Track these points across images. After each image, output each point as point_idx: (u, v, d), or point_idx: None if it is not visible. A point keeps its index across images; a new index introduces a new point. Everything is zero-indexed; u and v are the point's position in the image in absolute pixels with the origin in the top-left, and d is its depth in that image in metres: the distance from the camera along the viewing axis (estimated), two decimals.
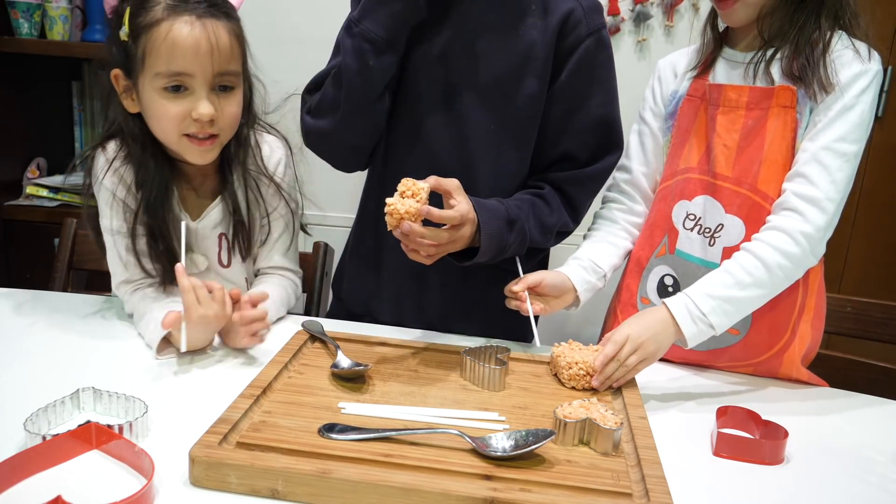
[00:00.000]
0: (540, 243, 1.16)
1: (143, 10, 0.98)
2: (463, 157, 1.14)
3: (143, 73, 1.00)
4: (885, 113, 2.16)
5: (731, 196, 1.08)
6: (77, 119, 2.13)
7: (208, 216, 1.13)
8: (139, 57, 0.99)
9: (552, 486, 0.71)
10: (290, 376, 0.93)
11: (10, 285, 1.27)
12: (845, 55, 1.02)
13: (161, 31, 0.97)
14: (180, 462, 0.72)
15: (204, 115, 1.00)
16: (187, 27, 0.97)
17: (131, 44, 0.99)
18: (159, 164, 1.07)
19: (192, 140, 1.03)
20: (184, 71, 0.99)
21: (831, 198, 1.00)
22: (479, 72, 1.12)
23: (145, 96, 1.01)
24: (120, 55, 1.02)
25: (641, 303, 1.19)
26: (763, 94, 1.05)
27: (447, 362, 1.02)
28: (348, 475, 0.69)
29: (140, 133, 1.06)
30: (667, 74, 1.21)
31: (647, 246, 1.19)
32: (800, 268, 1.02)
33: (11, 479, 0.70)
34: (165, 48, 0.97)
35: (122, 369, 0.96)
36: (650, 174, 1.22)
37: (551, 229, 1.17)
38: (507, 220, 1.08)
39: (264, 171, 1.14)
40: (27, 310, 1.15)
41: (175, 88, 1.00)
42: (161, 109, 1.01)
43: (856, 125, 1.01)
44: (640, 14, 1.84)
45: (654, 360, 0.98)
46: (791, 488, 0.81)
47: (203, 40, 0.98)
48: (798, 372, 1.12)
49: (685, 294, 1.00)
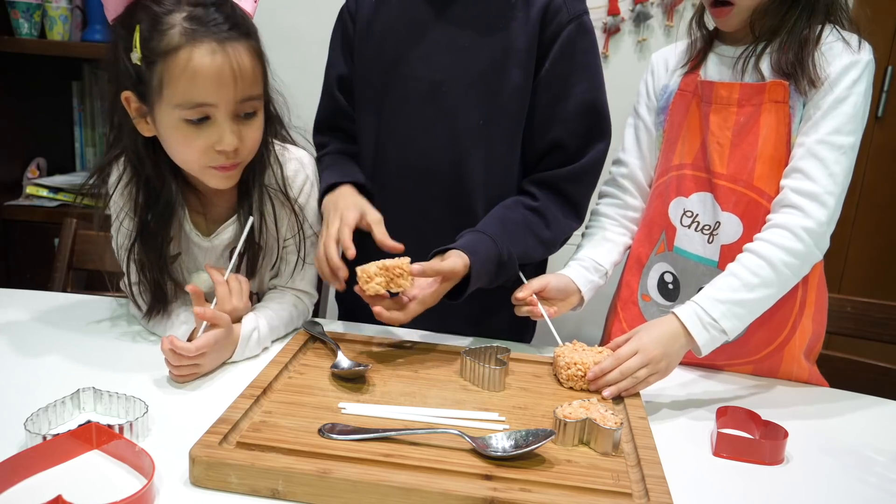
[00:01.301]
0: (544, 255, 1.16)
1: (158, 32, 0.90)
2: (453, 154, 1.15)
3: (161, 101, 0.92)
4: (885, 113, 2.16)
5: (727, 193, 1.07)
6: (77, 119, 2.13)
7: (221, 235, 1.09)
8: (155, 85, 0.92)
9: (552, 486, 0.71)
10: (290, 376, 0.93)
11: (10, 285, 1.27)
12: (835, 47, 1.02)
13: (180, 60, 0.90)
14: (180, 462, 0.72)
15: (229, 146, 0.95)
16: (209, 56, 0.90)
17: (145, 69, 0.91)
18: (170, 184, 1.01)
19: (216, 168, 0.98)
20: (206, 102, 0.92)
21: (830, 191, 0.99)
22: (464, 68, 1.12)
23: (164, 124, 0.95)
24: (131, 77, 0.94)
25: (642, 300, 1.19)
26: (754, 90, 1.05)
27: (447, 362, 1.02)
28: (348, 475, 0.69)
29: (154, 155, 1.00)
30: (659, 68, 1.21)
31: (647, 243, 1.19)
32: (806, 263, 1.01)
33: (11, 479, 0.70)
34: (185, 79, 0.90)
35: (122, 369, 0.96)
36: (646, 168, 1.22)
37: (553, 241, 1.17)
38: (499, 262, 1.07)
39: (283, 190, 1.09)
40: (27, 310, 1.15)
41: (200, 120, 0.93)
42: (183, 141, 0.95)
43: (850, 116, 1.00)
44: (640, 14, 1.85)
45: (667, 375, 0.96)
46: (791, 488, 0.81)
47: (226, 68, 0.91)
48: (799, 368, 1.12)
49: (693, 302, 0.98)
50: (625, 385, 0.93)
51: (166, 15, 0.91)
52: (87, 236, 1.41)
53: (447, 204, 1.17)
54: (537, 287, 1.11)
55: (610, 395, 0.93)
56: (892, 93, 2.14)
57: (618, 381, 0.94)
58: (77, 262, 1.41)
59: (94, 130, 2.15)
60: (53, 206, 1.96)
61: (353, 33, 1.21)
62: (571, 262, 1.19)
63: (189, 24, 0.91)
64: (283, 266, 1.14)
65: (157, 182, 1.01)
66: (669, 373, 0.96)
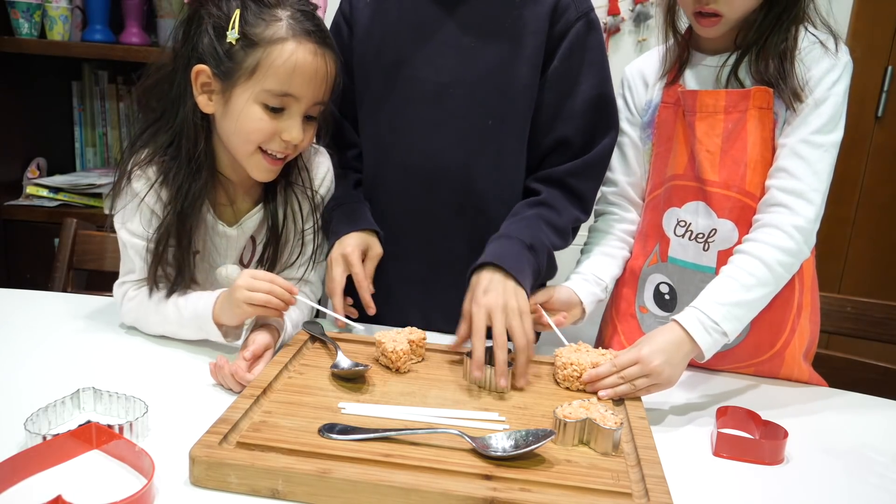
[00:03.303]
0: (560, 246, 1.16)
1: (264, 21, 0.97)
2: (462, 155, 1.15)
3: (249, 81, 0.98)
4: (885, 113, 2.16)
5: (721, 200, 1.07)
6: (77, 119, 2.13)
7: (246, 223, 1.11)
8: (248, 65, 0.97)
9: (552, 486, 0.71)
10: (290, 376, 0.93)
11: (10, 285, 1.27)
12: (814, 51, 1.03)
13: (285, 50, 0.96)
14: (180, 462, 0.72)
15: (295, 139, 1.01)
16: (311, 56, 0.98)
17: (239, 49, 0.97)
18: (205, 171, 1.04)
19: (266, 157, 1.02)
20: (294, 94, 0.98)
21: (816, 188, 1.01)
22: (471, 68, 1.12)
23: (238, 104, 0.99)
24: (215, 53, 0.98)
25: (640, 311, 1.19)
26: (740, 97, 1.05)
27: (447, 362, 1.02)
28: (348, 475, 0.69)
29: (202, 133, 1.03)
30: (636, 83, 1.20)
31: (641, 255, 1.19)
32: (797, 260, 1.02)
33: (11, 479, 0.70)
34: (286, 68, 0.97)
35: (122, 369, 0.96)
36: (636, 182, 1.22)
37: (566, 229, 1.16)
38: (529, 249, 1.07)
39: (309, 186, 1.13)
40: (27, 310, 1.15)
41: (275, 109, 0.99)
42: (255, 121, 0.99)
43: (830, 116, 1.01)
44: (640, 14, 1.85)
45: (670, 386, 0.95)
46: (791, 488, 0.81)
47: (322, 70, 1.00)
48: (799, 370, 1.12)
49: (693, 307, 0.98)
50: (622, 390, 0.93)
51: (274, 7, 0.98)
52: (87, 236, 1.41)
53: (454, 205, 1.17)
54: (542, 299, 1.11)
55: (606, 397, 0.93)
56: (892, 93, 2.14)
57: (615, 385, 0.93)
58: (77, 262, 1.41)
59: (94, 130, 2.15)
60: (53, 206, 1.96)
61: (348, 39, 1.21)
62: (573, 276, 1.19)
63: (297, 22, 0.98)
64: (300, 258, 1.15)
65: (195, 163, 1.03)
66: (674, 383, 0.95)
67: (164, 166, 1.04)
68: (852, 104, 1.08)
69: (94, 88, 2.12)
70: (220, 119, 1.02)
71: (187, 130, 1.02)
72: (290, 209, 1.12)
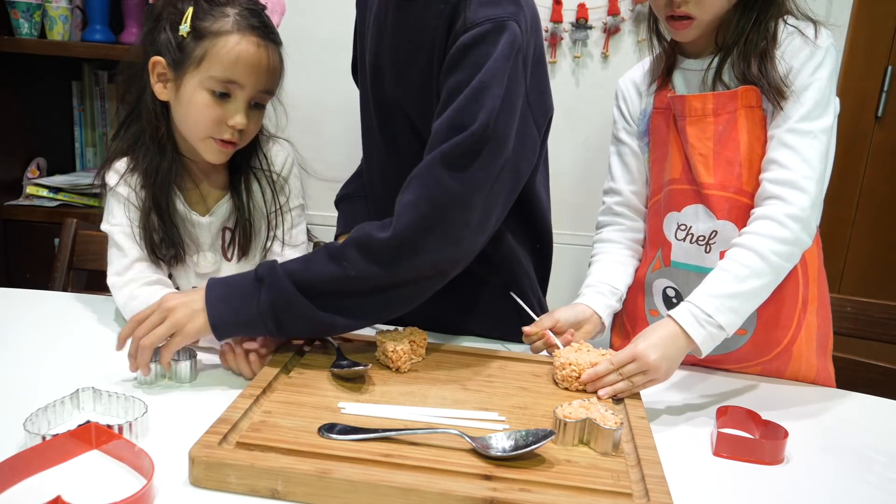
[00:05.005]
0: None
1: (212, 16, 1.05)
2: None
3: (196, 70, 1.05)
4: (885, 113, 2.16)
5: (719, 202, 1.07)
6: (77, 119, 2.13)
7: (217, 212, 1.16)
8: (196, 55, 1.05)
9: (552, 486, 0.71)
10: (290, 376, 0.93)
11: (10, 285, 1.27)
12: (793, 43, 1.03)
13: (230, 41, 1.04)
14: (180, 462, 0.72)
15: (239, 124, 1.07)
16: (254, 47, 1.05)
17: (190, 41, 1.04)
18: (170, 150, 1.12)
19: (217, 141, 1.09)
20: (237, 81, 1.05)
21: (807, 176, 1.00)
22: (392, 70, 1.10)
23: (187, 91, 1.06)
24: (170, 46, 1.06)
25: (650, 315, 1.19)
26: (728, 98, 1.05)
27: (447, 362, 1.02)
28: (348, 475, 0.69)
29: (161, 118, 1.11)
30: (630, 93, 1.21)
31: (645, 262, 1.20)
32: (796, 249, 1.01)
33: (11, 479, 0.70)
34: (229, 57, 1.04)
35: (122, 369, 0.96)
36: (640, 191, 1.22)
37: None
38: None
39: (269, 167, 1.20)
40: (27, 310, 1.15)
41: (223, 94, 1.06)
42: (202, 108, 1.06)
43: (815, 102, 1.01)
44: (640, 14, 1.84)
45: (665, 379, 0.95)
46: (791, 488, 0.81)
47: (264, 60, 1.07)
48: (807, 366, 1.12)
49: (687, 301, 0.98)
50: (620, 387, 0.93)
51: (224, 5, 1.06)
52: (87, 236, 1.41)
53: None
54: (548, 325, 1.09)
55: (605, 395, 0.93)
56: (892, 93, 2.14)
57: (614, 382, 0.93)
58: (77, 262, 1.41)
59: (94, 130, 2.15)
60: (53, 206, 1.96)
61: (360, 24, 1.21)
62: (585, 290, 1.18)
63: (243, 18, 1.06)
64: (272, 242, 1.20)
65: (159, 144, 1.11)
66: (670, 375, 0.96)
67: (134, 155, 1.13)
68: (852, 104, 1.08)
69: (94, 88, 2.11)
70: (174, 105, 1.09)
71: (148, 116, 1.11)
72: (255, 194, 1.19)
